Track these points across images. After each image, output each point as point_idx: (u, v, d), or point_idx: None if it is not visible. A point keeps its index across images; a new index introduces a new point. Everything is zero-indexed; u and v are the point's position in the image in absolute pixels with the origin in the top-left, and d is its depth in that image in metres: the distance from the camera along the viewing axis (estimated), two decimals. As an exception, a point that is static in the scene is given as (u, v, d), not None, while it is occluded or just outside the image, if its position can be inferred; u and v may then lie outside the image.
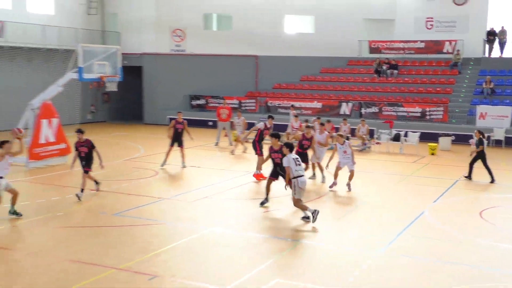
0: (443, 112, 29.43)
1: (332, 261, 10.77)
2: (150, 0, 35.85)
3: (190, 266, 10.37)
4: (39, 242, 11.58)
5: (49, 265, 10.18)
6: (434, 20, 34.46)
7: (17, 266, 10.17)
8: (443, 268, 10.47)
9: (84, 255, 10.70)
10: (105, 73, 20.53)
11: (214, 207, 14.78)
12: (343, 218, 13.97)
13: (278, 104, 33.09)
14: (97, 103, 36.68)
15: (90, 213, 13.86)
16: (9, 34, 29.33)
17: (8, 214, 13.06)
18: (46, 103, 20.18)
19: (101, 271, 9.85)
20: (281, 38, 35.96)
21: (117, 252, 10.92)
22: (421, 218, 13.87)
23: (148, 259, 10.53)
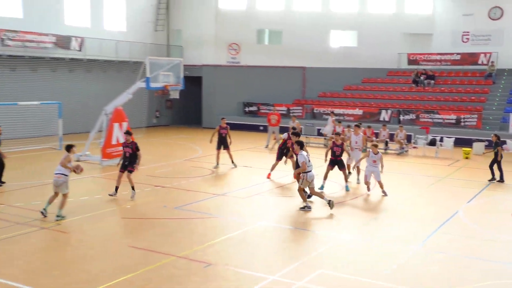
0: (477, 119, 28.51)
1: (371, 255, 10.58)
2: (209, 18, 36.23)
3: (241, 255, 10.40)
4: (109, 231, 11.85)
5: (117, 251, 10.40)
6: (470, 34, 33.45)
7: (90, 252, 10.40)
8: (475, 264, 10.14)
9: (147, 243, 10.87)
10: (169, 83, 20.81)
11: (263, 203, 14.79)
12: (381, 216, 13.72)
13: (322, 111, 32.83)
14: (161, 109, 37.33)
15: (153, 207, 14.07)
16: (87, 49, 30.19)
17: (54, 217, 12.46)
18: (118, 109, 20.61)
19: (162, 258, 9.99)
20: (327, 51, 35.69)
21: (177, 242, 11.05)
22: (455, 217, 13.48)
23: (204, 249, 10.62)
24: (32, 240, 10.96)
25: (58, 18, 29.56)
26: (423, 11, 34.68)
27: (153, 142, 27.12)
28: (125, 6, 33.82)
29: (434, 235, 11.95)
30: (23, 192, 15.38)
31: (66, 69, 29.95)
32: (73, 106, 29.68)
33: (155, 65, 20.53)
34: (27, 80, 27.61)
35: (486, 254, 10.74)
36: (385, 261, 10.15)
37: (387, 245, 11.17)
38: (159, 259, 9.94)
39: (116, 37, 32.56)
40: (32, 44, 27.05)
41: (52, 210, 12.64)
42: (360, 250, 10.88)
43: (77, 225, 12.17)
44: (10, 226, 11.88)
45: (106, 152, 20.09)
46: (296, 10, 35.72)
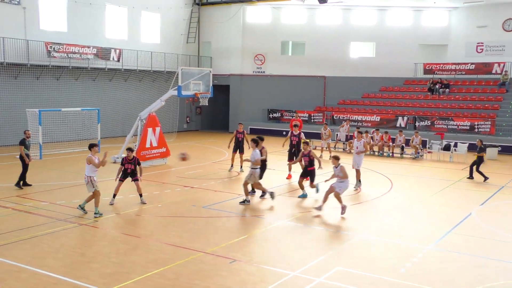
0: (491, 126, 27.91)
1: (387, 253, 10.42)
2: (237, 31, 36.38)
3: (264, 252, 10.35)
4: (141, 228, 11.94)
5: (150, 247, 10.46)
6: (484, 45, 32.87)
7: (125, 247, 10.47)
8: (489, 264, 9.88)
9: (177, 239, 10.92)
10: (199, 91, 20.91)
11: (285, 203, 14.71)
12: (397, 216, 13.50)
13: (342, 117, 32.59)
14: (192, 115, 37.58)
15: (183, 206, 14.12)
16: (125, 59, 30.60)
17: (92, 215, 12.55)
18: (152, 115, 20.79)
19: (191, 254, 10.01)
20: (346, 61, 35.48)
21: (205, 239, 11.06)
22: (468, 219, 13.19)
23: (230, 245, 10.60)
24: (72, 235, 11.11)
25: (99, 31, 30.05)
26: (439, 23, 34.22)
27: (183, 146, 27.29)
28: (159, 20, 34.20)
29: (448, 235, 11.71)
30: (63, 191, 15.61)
31: (106, 78, 30.41)
32: (111, 112, 30.11)
33: (186, 74, 20.65)
34: (70, 88, 28.13)
35: (500, 254, 10.46)
36: (401, 259, 9.98)
37: (403, 244, 10.99)
38: (188, 255, 9.96)
39: (151, 48, 32.95)
40: (75, 55, 27.54)
41: (90, 208, 12.83)
42: (376, 249, 10.72)
43: (112, 222, 12.29)
44: (52, 222, 12.07)
45: (141, 154, 20.26)
46: (318, 23, 35.61)
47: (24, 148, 15.72)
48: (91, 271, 9.05)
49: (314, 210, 13.67)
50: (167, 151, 21.35)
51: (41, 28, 27.12)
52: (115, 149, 23.94)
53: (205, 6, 37.04)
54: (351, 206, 14.33)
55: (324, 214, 13.44)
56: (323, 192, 14.13)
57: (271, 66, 36.32)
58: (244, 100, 36.50)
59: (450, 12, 33.96)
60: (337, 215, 13.34)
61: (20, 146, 15.73)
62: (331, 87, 35.57)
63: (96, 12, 29.76)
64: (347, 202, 14.86)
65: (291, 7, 35.63)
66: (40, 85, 26.79)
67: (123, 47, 30.56)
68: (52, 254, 9.91)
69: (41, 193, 15.23)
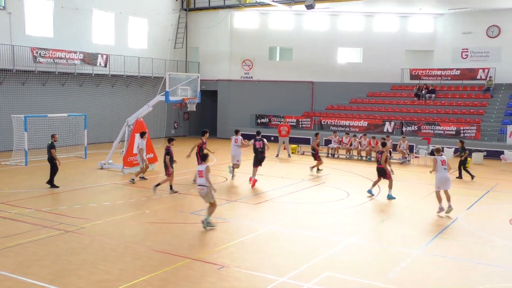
0: (476, 131, 28.21)
1: (375, 258, 10.44)
2: (225, 37, 36.39)
3: (253, 258, 10.31)
4: (129, 234, 11.82)
5: (137, 254, 10.37)
6: (469, 51, 33.30)
7: (113, 253, 10.39)
8: (475, 268, 9.94)
9: (165, 246, 10.83)
10: (187, 96, 20.84)
11: (274, 208, 14.69)
12: (386, 221, 13.55)
13: (330, 123, 32.72)
14: (179, 121, 37.47)
15: (171, 212, 14.05)
16: (112, 65, 30.44)
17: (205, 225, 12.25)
18: (139, 120, 20.67)
19: (179, 260, 9.94)
20: (334, 67, 35.67)
21: (192, 245, 10.99)
22: (455, 223, 13.28)
23: (218, 252, 10.55)
24: (58, 243, 10.96)
25: (86, 37, 29.88)
26: (424, 29, 34.58)
27: (171, 152, 27.15)
28: (147, 25, 34.10)
29: (436, 239, 11.77)
30: (49, 198, 15.45)
31: (92, 83, 30.21)
32: (98, 118, 29.90)
33: (174, 80, 20.58)
34: (56, 94, 27.89)
35: (487, 258, 10.54)
36: (389, 264, 10.00)
37: (391, 249, 11.02)
38: (176, 261, 9.89)
39: (138, 54, 32.83)
40: (62, 60, 27.34)
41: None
42: (365, 254, 10.74)
43: (99, 229, 12.16)
44: (37, 229, 11.91)
45: (128, 160, 20.13)
46: (305, 28, 35.78)
47: (55, 151, 17.05)
48: (78, 278, 8.93)
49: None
50: (154, 156, 21.23)
51: (27, 33, 26.90)
52: (102, 155, 23.76)
53: (193, 12, 37.04)
54: (338, 211, 14.35)
55: (312, 219, 13.44)
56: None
57: (259, 72, 36.39)
58: (232, 105, 36.50)
59: (436, 19, 34.34)
60: (324, 220, 13.36)
61: (52, 150, 16.95)
62: (319, 93, 35.71)
63: (82, 17, 29.60)
64: (334, 207, 14.91)
65: (278, 13, 35.77)
66: (26, 91, 26.53)
67: (110, 53, 30.41)
68: (37, 261, 9.77)
69: (26, 200, 15.04)
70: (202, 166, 12.31)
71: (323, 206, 15.12)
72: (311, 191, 17.03)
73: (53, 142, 17.22)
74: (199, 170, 12.24)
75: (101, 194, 16.13)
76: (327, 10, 34.53)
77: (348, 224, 13.05)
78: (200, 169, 12.25)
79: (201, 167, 12.28)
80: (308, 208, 14.77)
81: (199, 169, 12.29)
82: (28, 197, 15.36)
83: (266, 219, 13.43)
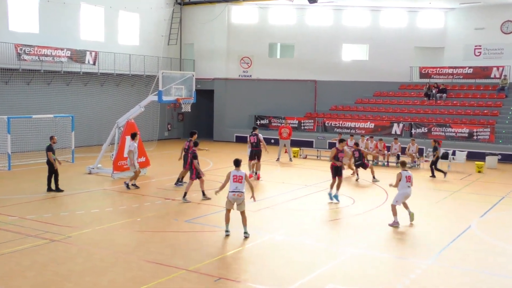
0: (490, 133, 28.23)
1: (383, 269, 10.43)
2: (221, 33, 36.44)
3: (252, 269, 10.30)
4: (120, 243, 11.81)
5: (128, 264, 10.36)
6: (483, 48, 33.32)
7: (102, 264, 10.37)
8: (490, 280, 9.93)
9: (158, 256, 10.82)
10: (181, 96, 20.85)
11: (275, 216, 14.68)
12: (394, 230, 13.53)
13: (334, 124, 32.74)
14: (173, 122, 37.47)
15: (164, 220, 14.03)
16: (101, 63, 30.44)
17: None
18: (130, 122, 20.67)
19: (173, 271, 9.92)
20: (338, 65, 35.70)
21: (187, 255, 10.98)
22: (468, 231, 13.28)
23: (215, 262, 10.54)
24: (43, 252, 10.94)
25: (73, 33, 29.88)
26: (435, 25, 34.63)
27: (164, 155, 27.18)
28: (138, 21, 34.13)
29: (447, 249, 11.76)
30: (34, 205, 15.42)
31: (80, 82, 30.22)
32: (86, 119, 29.89)
33: (167, 78, 20.58)
34: (41, 94, 27.88)
35: (501, 269, 10.53)
36: (398, 276, 9.99)
37: (399, 259, 11.00)
38: (170, 272, 9.87)
39: (129, 51, 32.85)
40: (48, 58, 27.35)
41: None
42: (372, 265, 10.72)
43: (87, 237, 12.14)
44: (21, 238, 11.90)
45: (118, 165, 20.12)
46: (308, 24, 35.83)
47: (52, 154, 17.06)
48: (64, 291, 8.92)
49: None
50: (146, 160, 21.22)
51: (11, 29, 26.90)
52: (91, 159, 23.75)
53: (188, 6, 37.09)
54: (343, 218, 14.34)
55: (315, 227, 13.43)
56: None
57: (258, 70, 36.42)
58: (230, 105, 36.51)
59: (447, 13, 34.40)
60: (328, 228, 13.34)
61: (49, 152, 17.01)
62: (322, 92, 35.74)
63: (70, 12, 29.61)
64: (338, 215, 14.92)
65: (279, 7, 35.83)
66: (9, 90, 26.53)
67: (99, 50, 30.40)
68: (21, 272, 9.75)
69: (9, 207, 15.02)
70: (240, 171, 12.45)
71: (327, 213, 15.11)
72: (314, 198, 17.01)
73: (51, 144, 17.27)
74: (239, 175, 12.31)
75: (89, 201, 16.11)
76: (331, 4, 34.59)
77: (354, 232, 13.04)
78: (240, 174, 12.35)
79: (240, 172, 12.42)
80: (311, 215, 14.77)
81: (238, 174, 12.33)
82: (12, 204, 15.34)
83: (266, 227, 13.42)
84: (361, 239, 12.50)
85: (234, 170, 12.51)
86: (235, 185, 12.31)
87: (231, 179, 12.41)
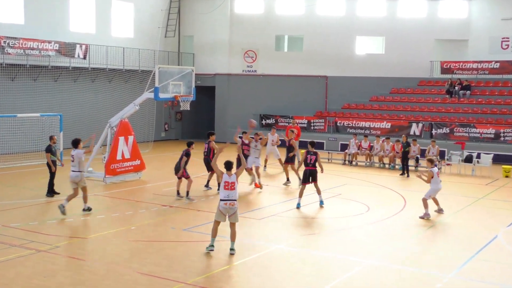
0: (519, 134, 28.16)
1: (400, 283, 10.41)
2: (224, 23, 36.50)
3: (256, 282, 10.31)
4: (113, 254, 11.84)
5: (122, 276, 10.38)
6: (511, 40, 33.20)
7: (92, 276, 10.39)
8: (517, 295, 9.91)
9: (154, 268, 10.84)
10: (179, 93, 20.90)
11: (281, 225, 14.68)
12: (412, 240, 13.51)
13: (347, 124, 32.71)
14: (171, 122, 37.54)
15: (160, 228, 14.05)
16: (92, 57, 30.51)
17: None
18: (124, 121, 20.73)
19: (169, 285, 9.94)
20: (351, 59, 35.66)
21: (186, 267, 10.99)
22: (494, 242, 13.24)
23: (216, 275, 10.55)
24: (28, 264, 10.97)
25: (62, 24, 29.99)
26: (457, 15, 34.53)
27: (161, 158, 27.22)
28: (133, 11, 34.23)
29: (471, 261, 11.73)
30: (19, 212, 15.47)
31: (70, 78, 30.31)
32: (76, 118, 29.94)
33: (164, 74, 20.62)
34: (27, 91, 27.98)
35: (530, 284, 10.51)
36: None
37: (418, 272, 10.98)
38: (167, 286, 9.90)
39: (123, 44, 32.92)
40: (34, 52, 27.45)
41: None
42: (388, 278, 10.71)
43: (77, 248, 12.17)
44: (5, 248, 11.94)
45: (110, 168, 20.16)
46: (318, 14, 35.82)
47: (51, 155, 17.12)
48: (52, 306, 8.95)
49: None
50: (141, 164, 21.27)
51: (-6, 20, 27.08)
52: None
53: (187, -5, 37.23)
54: (357, 227, 14.33)
55: (325, 237, 13.42)
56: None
57: (264, 64, 36.43)
58: (232, 103, 36.54)
59: (471, 2, 34.32)
60: (340, 238, 13.33)
61: (47, 154, 17.06)
62: (334, 89, 35.70)
63: (58, 1, 29.73)
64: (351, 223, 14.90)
65: (286, -4, 35.90)
66: (-8, 87, 26.68)
67: (90, 42, 30.49)
68: (5, 286, 9.79)
69: (-8, 214, 15.09)
70: (232, 176, 11.71)
71: (339, 221, 15.09)
72: (325, 205, 17.00)
73: (50, 145, 17.35)
74: (231, 182, 11.63)
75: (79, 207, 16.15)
76: (344, -7, 34.62)
77: (368, 242, 13.03)
78: (232, 180, 11.66)
79: (232, 177, 11.69)
80: (321, 224, 14.76)
81: (230, 180, 11.64)
82: (-6, 211, 15.40)
83: (271, 236, 13.42)
84: (377, 249, 12.49)
85: (225, 175, 11.78)
86: (226, 192, 11.62)
87: (222, 185, 11.79)
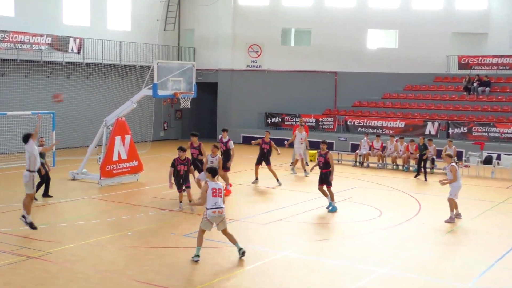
0: (542, 134, 28.09)
1: (415, 293, 10.37)
2: (227, 16, 36.50)
3: (261, 292, 10.28)
4: (108, 260, 11.84)
5: (118, 284, 10.38)
6: (533, 34, 33.18)
7: (87, 285, 10.39)
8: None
9: (152, 276, 10.82)
10: (179, 90, 20.88)
11: (287, 230, 14.66)
12: (428, 246, 13.46)
13: (357, 123, 32.65)
14: (170, 120, 37.55)
15: (159, 233, 14.04)
16: (87, 51, 30.56)
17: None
18: (120, 120, 20.73)
19: (169, 294, 9.94)
20: (362, 54, 35.62)
21: (186, 275, 10.99)
22: (516, 250, 13.19)
23: (218, 284, 10.53)
24: (19, 271, 10.97)
25: (55, 17, 30.05)
26: (476, 7, 34.48)
27: (159, 158, 27.21)
28: (130, 2, 34.29)
29: (492, 269, 11.69)
30: (9, 216, 15.48)
31: (63, 74, 30.34)
32: (70, 116, 30.00)
33: (163, 69, 20.60)
34: (18, 87, 28.04)
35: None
36: (432, 300, 9.94)
37: (435, 281, 10.95)
38: (165, 295, 9.89)
39: (119, 37, 32.96)
40: (25, 46, 27.49)
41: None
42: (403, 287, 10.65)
43: (71, 254, 12.17)
44: (-6, 254, 11.96)
45: (106, 169, 20.16)
46: (327, 6, 35.81)
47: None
48: (43, 316, 8.95)
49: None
50: (139, 165, 21.28)
51: (-18, 12, 27.14)
52: (74, 162, 23.81)
53: (187, -15, 37.26)
54: (368, 233, 14.28)
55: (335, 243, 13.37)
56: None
57: (269, 59, 36.42)
58: (236, 101, 36.54)
59: (490, -7, 34.26)
60: (351, 244, 13.29)
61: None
62: (344, 86, 35.68)
63: (51, -8, 29.80)
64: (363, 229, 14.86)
65: (293, -13, 35.90)
66: (-19, 83, 26.74)
67: (84, 36, 30.53)
68: (-7, 295, 9.80)
69: (-20, 218, 15.12)
70: (218, 183, 11.79)
71: (349, 227, 15.05)
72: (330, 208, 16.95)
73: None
74: (218, 188, 11.64)
75: (72, 211, 16.18)
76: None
77: (381, 249, 13.00)
78: (219, 187, 11.69)
79: (218, 184, 11.75)
80: (331, 229, 14.72)
81: (217, 187, 11.64)
82: (-17, 215, 15.42)
83: (277, 243, 13.40)
84: (390, 256, 12.45)
85: (212, 182, 11.72)
86: (214, 200, 11.53)
87: (210, 193, 11.60)
